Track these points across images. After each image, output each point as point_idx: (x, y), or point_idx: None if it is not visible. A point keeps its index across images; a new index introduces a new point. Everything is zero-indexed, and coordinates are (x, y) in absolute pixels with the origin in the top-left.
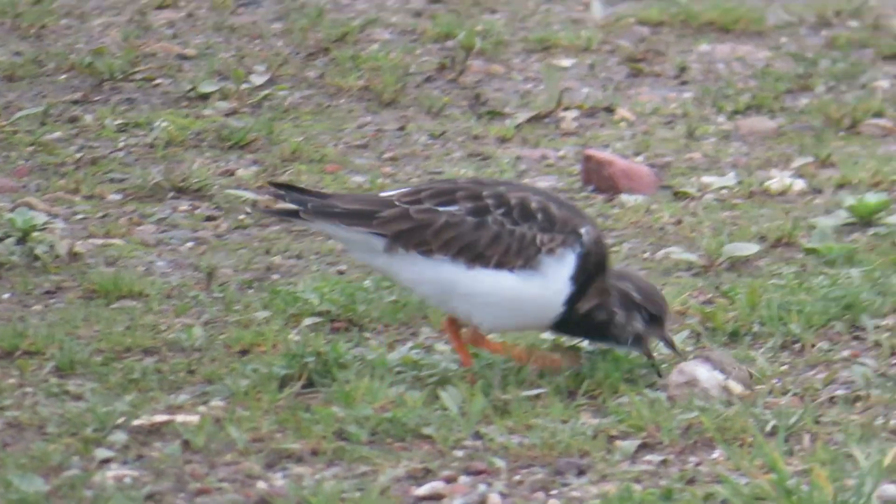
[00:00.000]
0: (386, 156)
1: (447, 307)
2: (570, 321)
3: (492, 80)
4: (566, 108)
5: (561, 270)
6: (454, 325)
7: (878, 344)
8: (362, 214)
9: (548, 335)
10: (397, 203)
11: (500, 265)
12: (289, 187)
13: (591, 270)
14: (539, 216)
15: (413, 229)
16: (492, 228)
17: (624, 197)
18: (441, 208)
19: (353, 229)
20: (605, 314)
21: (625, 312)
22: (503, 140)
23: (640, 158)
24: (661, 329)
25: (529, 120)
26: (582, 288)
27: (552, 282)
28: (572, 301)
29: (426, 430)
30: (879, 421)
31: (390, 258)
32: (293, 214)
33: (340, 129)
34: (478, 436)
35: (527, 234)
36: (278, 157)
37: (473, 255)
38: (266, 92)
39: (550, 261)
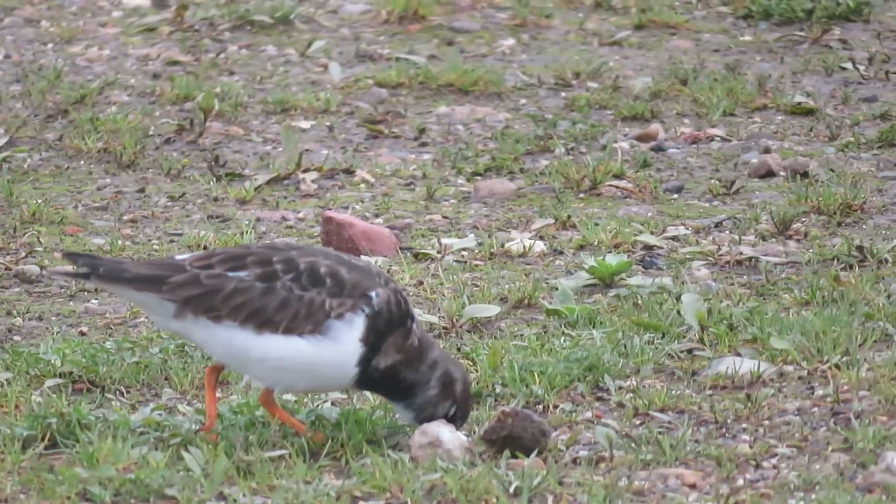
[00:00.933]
0: (126, 217)
1: (244, 371)
2: (371, 379)
3: (231, 141)
4: (306, 170)
5: (350, 333)
6: (213, 375)
7: (620, 405)
8: (152, 280)
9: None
10: (188, 268)
11: (289, 330)
12: (80, 255)
13: (383, 330)
14: (328, 281)
15: (202, 295)
16: (280, 294)
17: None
18: (231, 274)
19: (143, 294)
20: (413, 375)
21: (439, 393)
22: (243, 202)
23: (380, 220)
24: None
25: (269, 182)
26: (374, 347)
27: (342, 344)
28: (366, 361)
29: (170, 492)
30: (623, 482)
31: (182, 323)
32: (85, 277)
33: (80, 190)
34: (221, 497)
35: (315, 299)
36: (18, 220)
37: (262, 320)
38: (5, 154)
39: (340, 325)
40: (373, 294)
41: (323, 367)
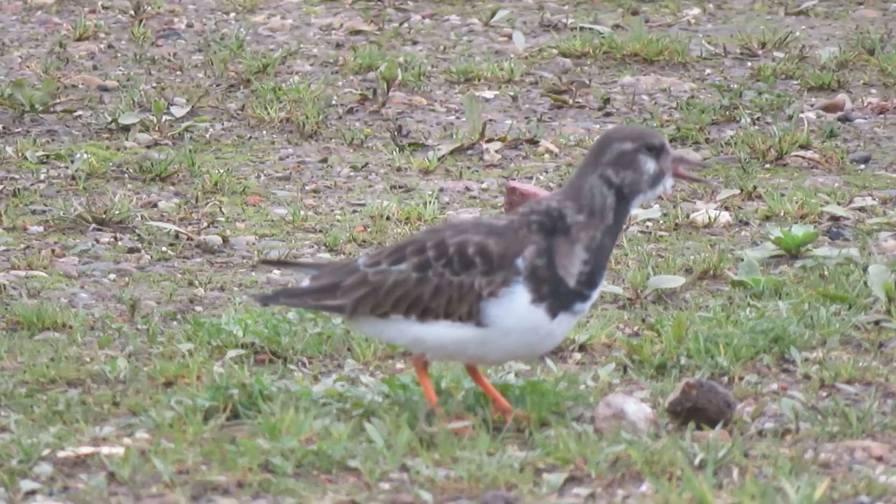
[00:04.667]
0: (308, 188)
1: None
2: (585, 285)
3: (414, 111)
4: (489, 140)
5: (516, 305)
6: (419, 362)
7: (806, 377)
8: (329, 288)
9: None
10: (362, 267)
11: (448, 315)
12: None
13: (546, 275)
14: (478, 259)
15: (369, 294)
16: (432, 282)
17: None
18: (393, 268)
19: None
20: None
21: (629, 172)
22: (426, 172)
23: None
24: (667, 153)
25: (452, 152)
26: (553, 292)
27: (518, 319)
28: (557, 300)
29: (352, 463)
30: (809, 454)
31: (356, 324)
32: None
33: (262, 160)
34: (404, 468)
35: (465, 282)
36: (200, 189)
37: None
38: (187, 124)
39: (498, 302)
40: (518, 261)
41: (512, 340)
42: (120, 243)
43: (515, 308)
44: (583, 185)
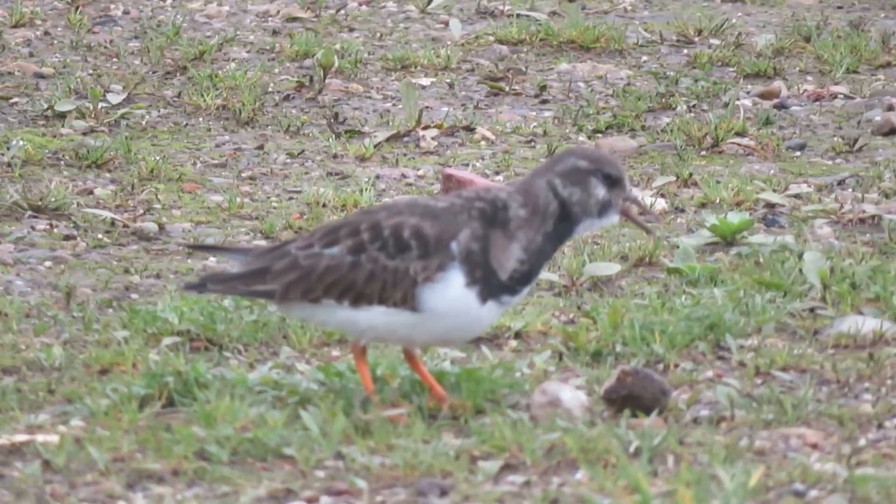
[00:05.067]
0: (244, 174)
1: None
2: (516, 281)
3: (350, 98)
4: (425, 127)
5: (450, 288)
6: (357, 349)
7: (742, 364)
8: (258, 273)
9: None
10: (293, 250)
11: (383, 301)
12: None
13: (480, 259)
14: (413, 243)
15: (300, 279)
16: (366, 267)
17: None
18: (326, 251)
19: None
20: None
21: (579, 189)
22: (362, 159)
23: (500, 178)
24: (622, 188)
25: (388, 139)
26: (485, 275)
27: (450, 301)
28: (489, 286)
29: (287, 451)
30: (744, 442)
31: (286, 307)
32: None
33: (198, 147)
34: (339, 456)
35: (400, 267)
36: (136, 176)
37: (354, 296)
38: (123, 111)
39: (434, 287)
40: (452, 244)
41: (444, 323)
42: (56, 230)
43: (450, 292)
44: (532, 184)
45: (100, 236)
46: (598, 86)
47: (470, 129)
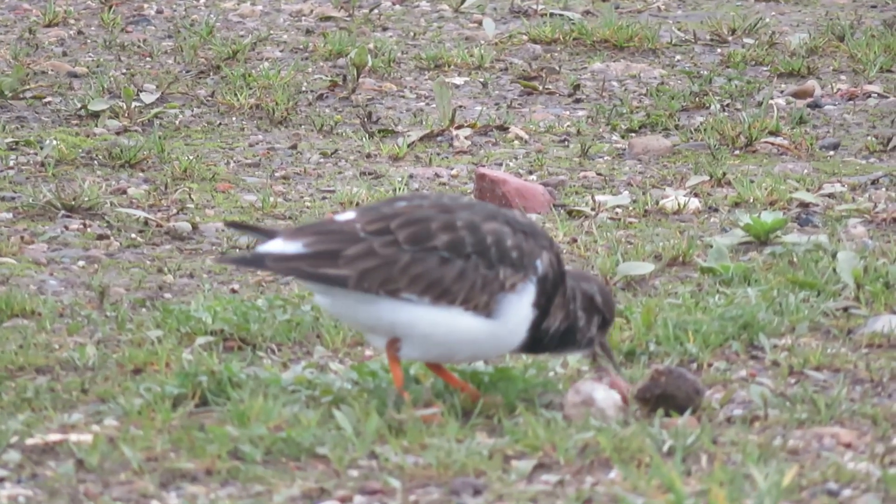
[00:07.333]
0: (277, 174)
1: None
2: (538, 342)
3: (384, 98)
4: (459, 127)
5: (522, 302)
6: (393, 347)
7: (775, 363)
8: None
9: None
10: (362, 234)
11: (465, 302)
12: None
13: (550, 291)
14: (513, 254)
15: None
16: (457, 265)
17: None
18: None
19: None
20: (570, 322)
21: (586, 316)
22: (395, 158)
23: (533, 177)
24: (604, 335)
25: (422, 138)
26: (544, 312)
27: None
28: (536, 325)
29: (321, 450)
30: (777, 441)
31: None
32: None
33: (231, 147)
34: (373, 455)
35: (488, 273)
36: (169, 176)
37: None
38: (157, 110)
39: (512, 297)
40: (537, 262)
41: (505, 334)
42: (89, 230)
43: (523, 305)
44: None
45: (133, 236)
46: (632, 85)
47: (503, 128)
